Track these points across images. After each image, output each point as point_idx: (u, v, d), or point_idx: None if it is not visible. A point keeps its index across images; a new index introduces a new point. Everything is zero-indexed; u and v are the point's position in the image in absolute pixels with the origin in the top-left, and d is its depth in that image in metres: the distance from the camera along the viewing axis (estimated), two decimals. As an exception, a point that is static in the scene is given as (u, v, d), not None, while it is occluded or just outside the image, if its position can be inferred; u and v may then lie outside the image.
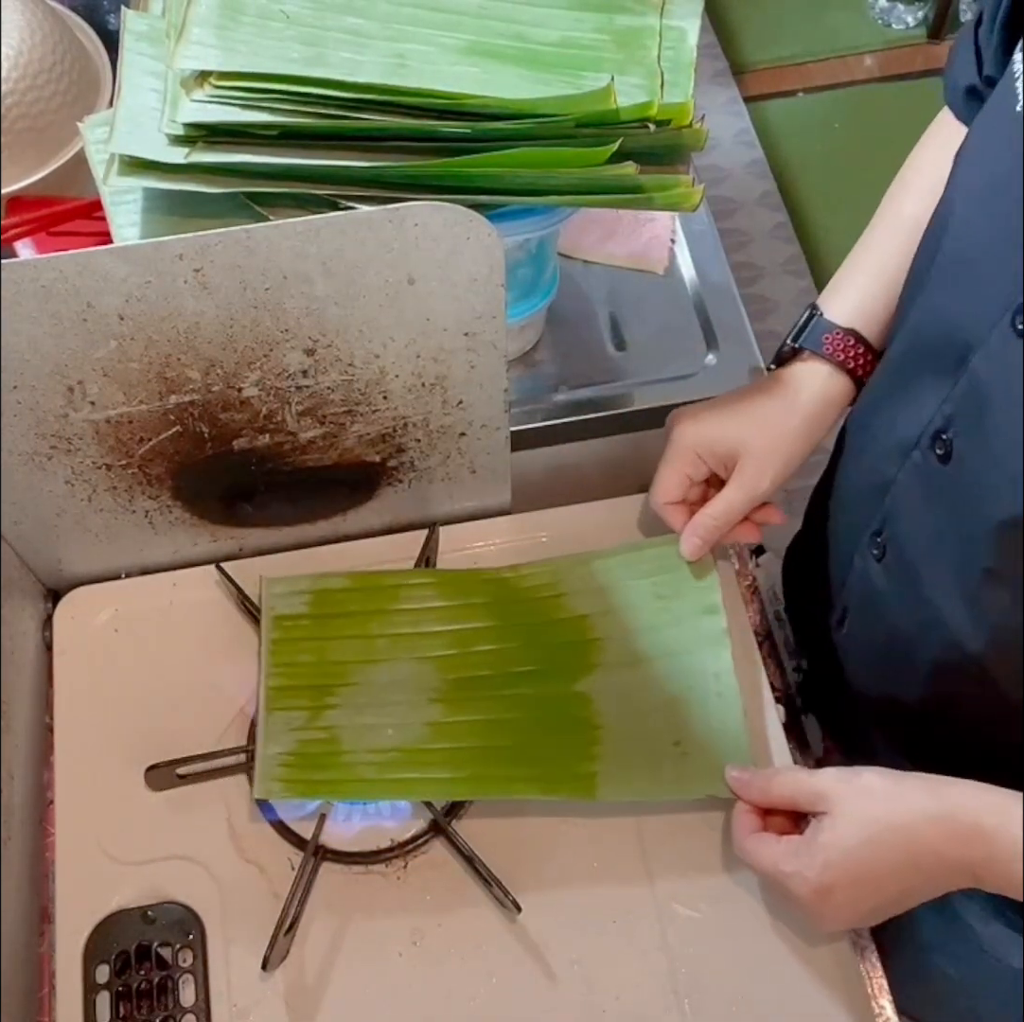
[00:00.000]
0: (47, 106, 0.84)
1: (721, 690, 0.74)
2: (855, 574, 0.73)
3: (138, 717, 0.77)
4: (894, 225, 0.74)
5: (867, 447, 0.72)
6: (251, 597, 0.79)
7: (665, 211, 0.71)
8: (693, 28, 0.71)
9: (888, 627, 0.71)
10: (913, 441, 0.64)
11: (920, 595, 0.66)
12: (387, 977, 0.69)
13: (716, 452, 0.74)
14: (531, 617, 0.78)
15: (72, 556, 0.81)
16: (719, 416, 0.74)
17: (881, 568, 0.70)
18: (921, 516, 0.65)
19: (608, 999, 0.68)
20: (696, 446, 0.74)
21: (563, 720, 0.74)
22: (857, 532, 0.72)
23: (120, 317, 0.63)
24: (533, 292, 0.85)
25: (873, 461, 0.70)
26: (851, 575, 0.74)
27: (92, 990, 0.68)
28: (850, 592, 0.75)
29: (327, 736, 0.73)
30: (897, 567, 0.68)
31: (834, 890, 0.61)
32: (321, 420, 0.74)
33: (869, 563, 0.71)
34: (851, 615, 0.76)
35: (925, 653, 0.68)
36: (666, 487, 0.76)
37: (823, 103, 2.21)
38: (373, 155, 0.65)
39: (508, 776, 0.72)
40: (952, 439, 0.60)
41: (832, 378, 0.73)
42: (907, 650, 0.69)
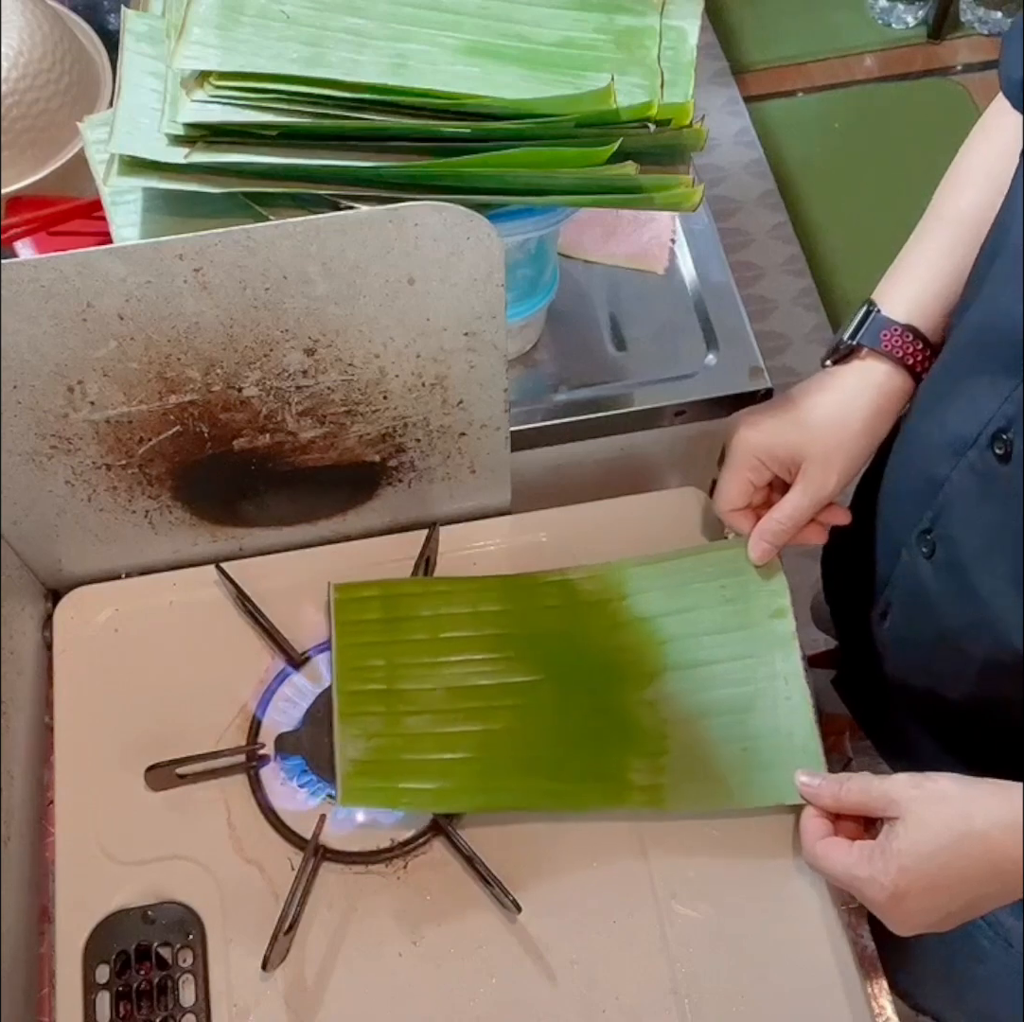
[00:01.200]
0: (47, 106, 0.84)
1: (791, 694, 0.74)
2: (902, 570, 0.73)
3: (138, 717, 0.77)
4: (950, 219, 0.73)
5: (919, 444, 0.72)
6: (251, 597, 0.79)
7: (665, 211, 0.71)
8: (693, 28, 0.71)
9: (935, 624, 0.71)
10: (970, 440, 0.63)
11: (971, 594, 0.66)
12: (387, 977, 0.69)
13: (779, 457, 0.74)
14: (597, 620, 0.78)
15: (72, 556, 0.81)
16: (780, 421, 0.73)
17: (930, 566, 0.70)
18: (976, 516, 0.65)
19: (608, 999, 0.68)
20: (758, 453, 0.74)
21: (631, 729, 0.74)
22: (906, 529, 0.72)
23: (120, 317, 0.63)
24: (533, 292, 0.85)
25: (925, 459, 0.70)
26: (897, 571, 0.74)
27: (92, 990, 0.68)
28: (896, 588, 0.75)
29: (405, 743, 0.72)
30: (947, 565, 0.68)
31: (909, 896, 0.61)
32: (321, 420, 0.74)
33: (918, 560, 0.71)
34: (895, 611, 0.76)
35: (972, 651, 0.67)
36: (730, 494, 0.76)
37: (823, 103, 2.20)
38: (373, 155, 0.65)
39: (577, 790, 0.72)
40: (1012, 439, 0.60)
41: (891, 375, 0.72)
42: (954, 648, 0.69)
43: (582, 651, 0.76)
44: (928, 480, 0.68)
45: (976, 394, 0.63)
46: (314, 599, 0.80)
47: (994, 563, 0.64)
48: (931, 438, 0.69)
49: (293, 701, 0.77)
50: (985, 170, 0.71)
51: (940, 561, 0.69)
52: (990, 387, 0.62)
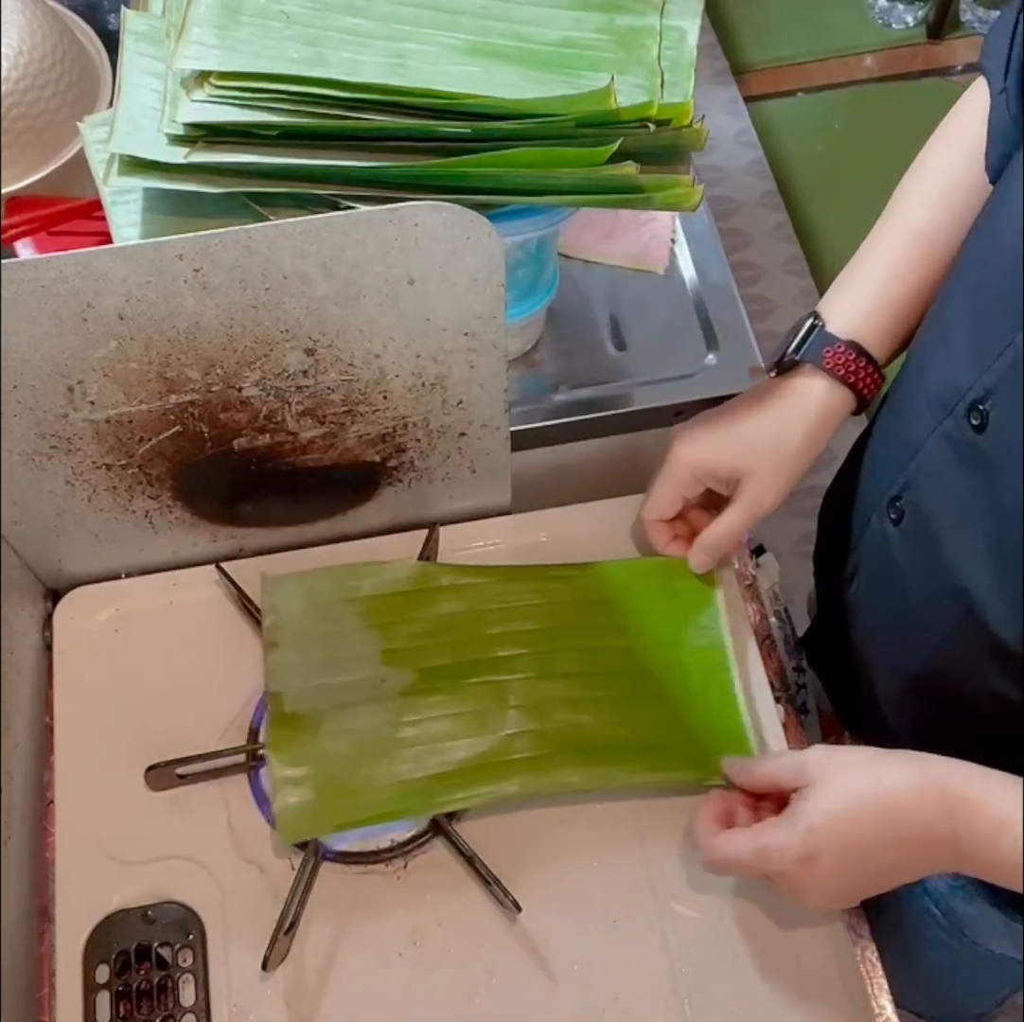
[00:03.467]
0: (47, 106, 0.84)
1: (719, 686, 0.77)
2: (870, 535, 0.74)
3: (138, 717, 0.77)
4: (904, 231, 0.73)
5: (901, 409, 0.72)
6: (251, 597, 0.79)
7: (665, 211, 0.71)
8: (693, 28, 0.71)
9: (900, 591, 0.71)
10: (948, 408, 0.64)
11: (939, 562, 0.66)
12: (387, 977, 0.69)
13: (716, 474, 0.74)
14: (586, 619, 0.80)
15: (72, 556, 0.81)
16: (718, 439, 0.74)
17: (898, 533, 0.70)
18: (948, 485, 0.65)
19: (608, 999, 0.68)
20: (695, 469, 0.75)
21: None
22: (878, 494, 0.72)
23: (120, 317, 0.63)
24: (533, 292, 0.85)
25: (905, 423, 0.70)
26: (866, 536, 0.74)
27: (92, 990, 0.68)
28: (863, 552, 0.75)
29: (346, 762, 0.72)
30: (915, 533, 0.68)
31: (819, 858, 0.60)
32: (321, 420, 0.74)
33: (886, 526, 0.71)
34: (861, 575, 0.76)
35: (936, 619, 0.68)
36: (661, 506, 0.77)
37: (823, 103, 2.20)
38: (373, 155, 0.65)
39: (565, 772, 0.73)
40: (989, 410, 0.60)
41: (832, 392, 0.72)
42: (918, 615, 0.70)
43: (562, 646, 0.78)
44: (905, 445, 0.69)
45: (957, 363, 0.63)
46: (314, 599, 0.80)
47: (964, 533, 0.64)
48: (912, 404, 0.69)
49: (293, 701, 0.77)
50: (949, 181, 0.71)
51: (908, 528, 0.69)
52: (971, 356, 0.62)
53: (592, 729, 0.74)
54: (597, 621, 0.79)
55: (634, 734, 0.74)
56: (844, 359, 0.71)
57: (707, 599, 0.80)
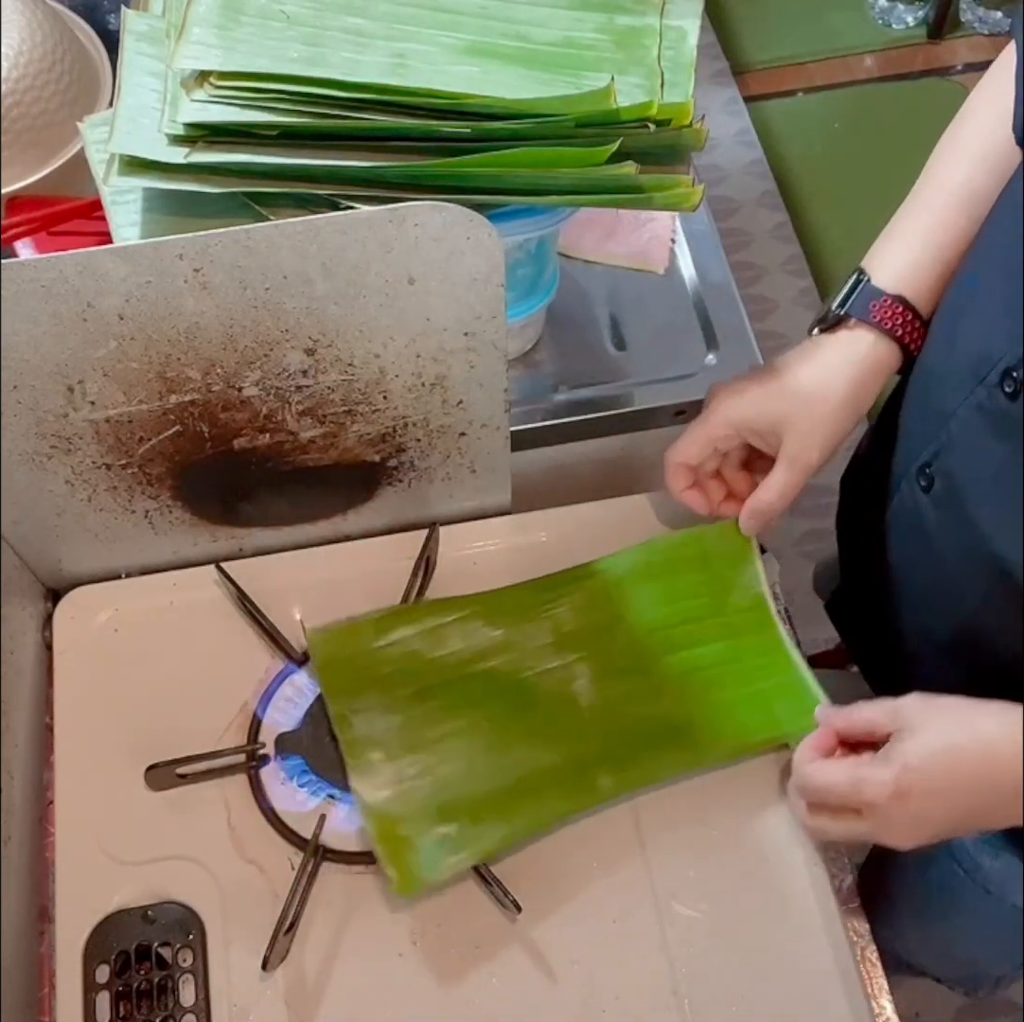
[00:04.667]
0: (47, 106, 0.84)
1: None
2: (900, 502, 0.74)
3: (138, 717, 0.77)
4: (944, 190, 0.72)
5: (930, 379, 0.71)
6: (251, 597, 0.79)
7: (665, 211, 0.71)
8: (693, 28, 0.71)
9: (931, 557, 0.71)
10: (980, 377, 0.63)
11: (971, 528, 0.66)
12: (387, 977, 0.69)
13: (755, 427, 0.73)
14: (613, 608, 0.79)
15: (72, 556, 0.81)
16: (758, 390, 0.73)
17: (928, 499, 0.70)
18: (980, 452, 0.65)
19: (608, 999, 0.68)
20: (732, 420, 0.73)
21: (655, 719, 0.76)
22: (908, 461, 0.72)
23: (120, 317, 0.63)
24: (533, 292, 0.85)
25: (935, 393, 0.70)
26: (895, 502, 0.74)
27: (92, 990, 0.68)
28: (892, 519, 0.75)
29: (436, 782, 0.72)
30: (946, 500, 0.68)
31: (911, 795, 0.60)
32: (321, 420, 0.74)
33: (916, 493, 0.71)
34: (891, 540, 0.76)
35: (970, 585, 0.68)
36: (688, 450, 0.75)
37: (823, 103, 2.20)
38: (373, 155, 0.65)
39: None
40: (1022, 378, 0.60)
41: (878, 345, 0.71)
42: (951, 581, 0.70)
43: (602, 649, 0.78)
44: (936, 414, 0.68)
45: (989, 331, 0.63)
46: (314, 599, 0.81)
47: (996, 500, 0.64)
48: (942, 373, 0.69)
49: (293, 701, 0.77)
50: (986, 142, 0.70)
51: (938, 496, 0.69)
52: (1004, 325, 0.61)
53: (663, 716, 0.74)
54: (640, 610, 0.78)
55: (704, 711, 0.75)
56: (891, 312, 0.70)
57: (744, 557, 0.79)
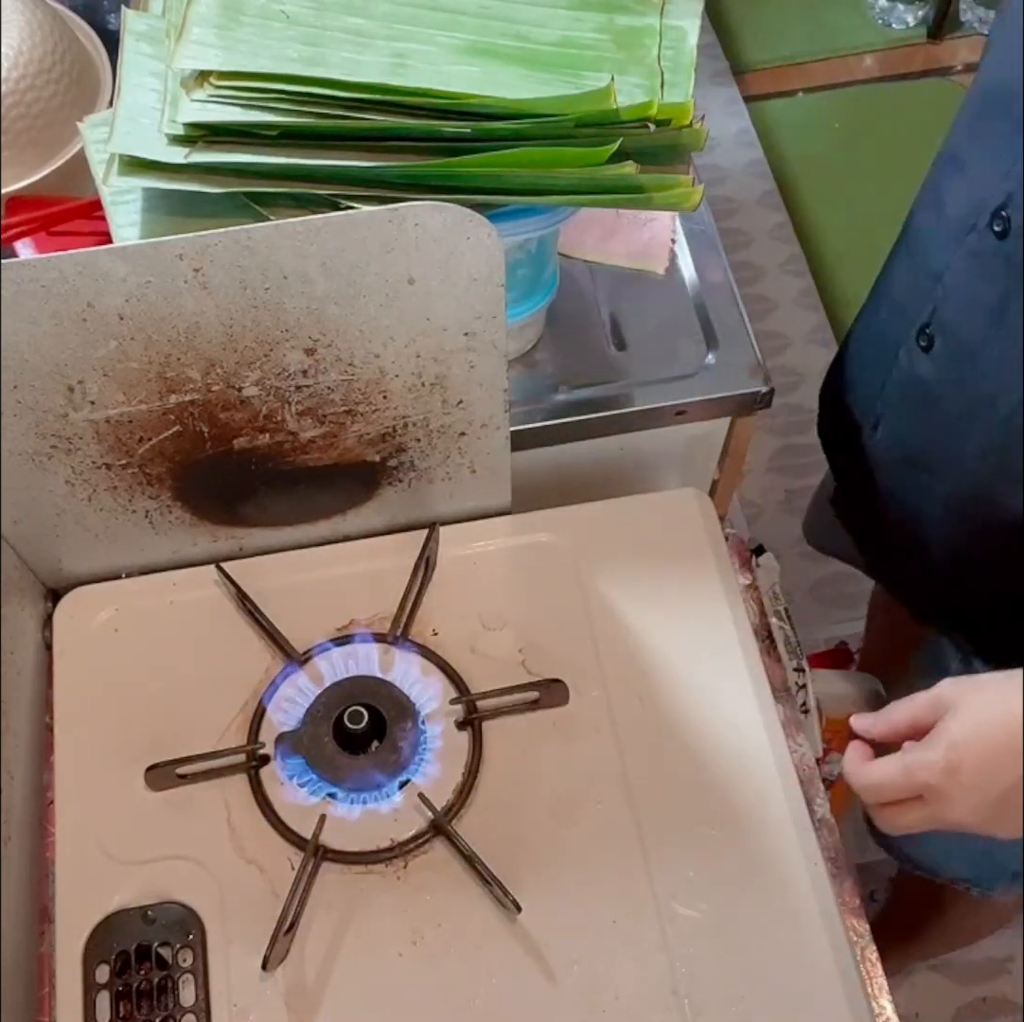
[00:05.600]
0: (47, 106, 0.84)
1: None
2: (899, 370, 0.75)
3: (138, 717, 0.77)
4: None
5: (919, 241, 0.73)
6: (251, 597, 0.79)
7: (665, 211, 0.71)
8: (693, 28, 0.71)
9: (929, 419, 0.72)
10: (970, 224, 0.65)
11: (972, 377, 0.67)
12: (387, 977, 0.69)
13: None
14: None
15: (72, 556, 0.81)
16: None
17: (928, 359, 0.71)
18: (976, 298, 0.66)
19: (608, 999, 0.68)
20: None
21: None
22: (904, 328, 0.73)
23: (120, 317, 0.63)
24: (533, 292, 0.85)
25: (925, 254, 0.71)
26: (894, 373, 0.75)
27: (92, 990, 0.68)
28: (891, 391, 0.76)
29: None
30: (946, 353, 0.70)
31: (961, 769, 0.61)
32: (321, 420, 0.74)
33: (915, 356, 0.72)
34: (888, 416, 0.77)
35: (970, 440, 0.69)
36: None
37: (823, 103, 2.21)
38: (373, 155, 0.65)
39: None
40: (1011, 215, 0.61)
41: None
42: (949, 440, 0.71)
43: None
44: (928, 275, 0.70)
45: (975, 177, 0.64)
46: (314, 599, 0.81)
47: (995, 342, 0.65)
48: (931, 231, 0.70)
49: (293, 701, 0.77)
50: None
51: (938, 351, 0.70)
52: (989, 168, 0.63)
53: None
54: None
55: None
56: None
57: None
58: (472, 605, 0.81)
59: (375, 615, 0.80)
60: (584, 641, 0.79)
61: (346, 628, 0.80)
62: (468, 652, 0.79)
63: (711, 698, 0.77)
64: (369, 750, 0.74)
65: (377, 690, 0.76)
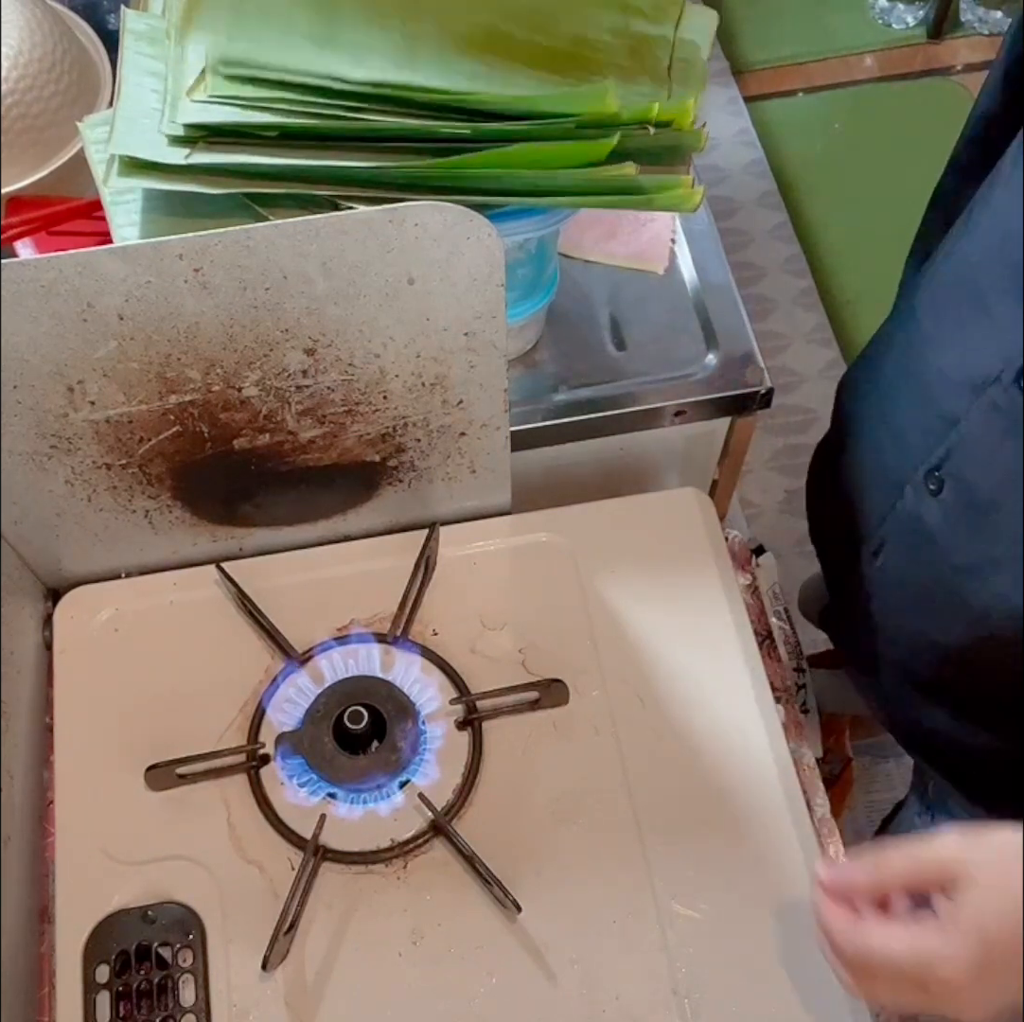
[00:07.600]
0: (47, 106, 0.84)
1: None
2: (904, 507, 0.72)
3: (138, 717, 0.77)
4: None
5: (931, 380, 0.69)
6: (251, 597, 0.79)
7: (665, 212, 0.71)
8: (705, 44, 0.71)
9: (934, 563, 0.70)
10: (992, 377, 0.61)
11: (982, 532, 0.65)
12: (387, 977, 0.69)
13: None
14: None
15: (72, 556, 0.81)
16: None
17: (936, 503, 0.68)
18: (995, 454, 0.63)
19: (608, 999, 0.68)
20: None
21: None
22: (911, 465, 0.70)
23: (120, 317, 0.63)
24: (533, 292, 0.85)
25: (938, 395, 0.67)
26: (898, 508, 0.72)
27: (92, 990, 0.68)
28: (894, 524, 0.73)
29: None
30: (956, 503, 0.67)
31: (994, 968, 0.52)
32: (321, 420, 0.74)
33: (923, 497, 0.69)
34: (890, 548, 0.75)
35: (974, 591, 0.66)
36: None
37: (823, 103, 2.20)
38: (373, 155, 0.65)
39: None
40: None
41: None
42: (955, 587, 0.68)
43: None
44: (940, 417, 0.66)
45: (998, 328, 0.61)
46: (314, 599, 0.81)
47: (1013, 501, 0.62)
48: (946, 374, 0.67)
49: (293, 701, 0.77)
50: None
51: (948, 499, 0.67)
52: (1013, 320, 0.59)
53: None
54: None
55: None
56: None
57: None
58: (472, 605, 0.81)
59: (375, 615, 0.80)
60: (584, 641, 0.80)
61: (346, 628, 0.80)
62: (468, 652, 0.79)
63: (711, 698, 0.77)
64: (369, 750, 0.74)
65: (377, 690, 0.76)
